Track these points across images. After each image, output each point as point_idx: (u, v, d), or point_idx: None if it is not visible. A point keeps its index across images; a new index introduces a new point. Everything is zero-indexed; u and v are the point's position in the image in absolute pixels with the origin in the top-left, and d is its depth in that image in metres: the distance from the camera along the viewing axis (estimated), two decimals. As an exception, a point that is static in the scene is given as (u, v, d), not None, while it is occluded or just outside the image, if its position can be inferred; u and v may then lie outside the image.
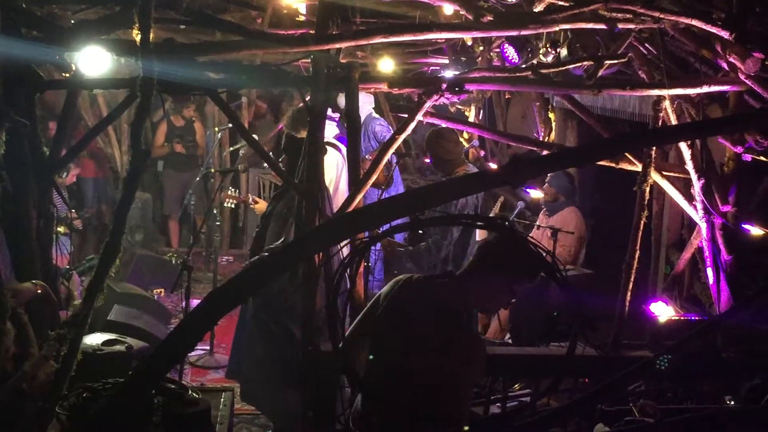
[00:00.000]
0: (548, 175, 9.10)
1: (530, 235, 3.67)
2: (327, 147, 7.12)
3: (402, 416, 3.95)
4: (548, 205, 8.97)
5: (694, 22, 5.70)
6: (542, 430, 3.31)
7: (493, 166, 10.66)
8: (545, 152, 6.91)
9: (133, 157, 4.06)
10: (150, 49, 4.16)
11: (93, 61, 5.12)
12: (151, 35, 4.25)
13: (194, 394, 4.24)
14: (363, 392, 4.11)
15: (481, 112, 11.55)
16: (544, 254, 3.47)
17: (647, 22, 6.00)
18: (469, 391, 4.22)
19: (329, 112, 6.64)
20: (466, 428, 3.89)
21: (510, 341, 7.87)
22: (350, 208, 5.78)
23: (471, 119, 11.59)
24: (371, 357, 4.20)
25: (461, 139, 10.91)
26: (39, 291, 4.66)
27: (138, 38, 4.21)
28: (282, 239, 6.46)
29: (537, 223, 9.00)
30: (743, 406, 4.71)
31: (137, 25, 4.16)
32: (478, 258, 4.39)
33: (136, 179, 4.07)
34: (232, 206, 10.13)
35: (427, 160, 7.83)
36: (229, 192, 9.29)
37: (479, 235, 8.25)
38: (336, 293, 3.79)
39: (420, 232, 7.35)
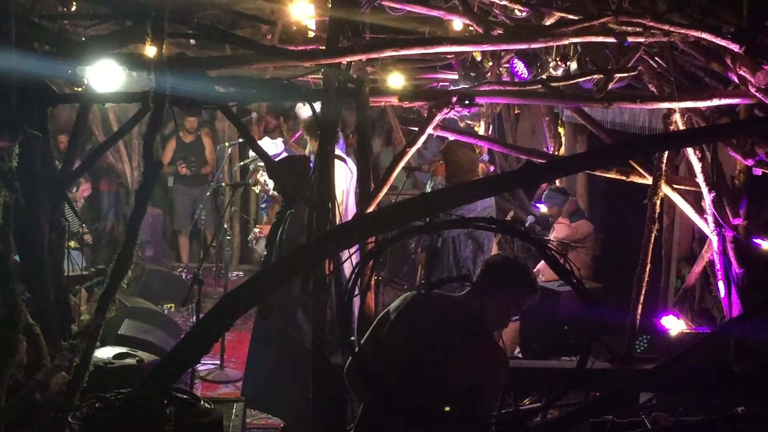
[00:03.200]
0: (543, 197, 9.18)
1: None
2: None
3: (417, 418, 3.97)
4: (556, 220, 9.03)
5: (704, 36, 5.70)
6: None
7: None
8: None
9: (145, 169, 4.08)
10: (163, 62, 4.19)
11: (105, 75, 5.16)
12: (164, 49, 4.28)
13: (206, 405, 4.24)
14: (375, 392, 4.12)
15: (491, 127, 11.55)
16: (561, 260, 3.46)
17: (657, 35, 6.00)
18: (482, 397, 4.23)
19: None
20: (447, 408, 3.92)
21: (520, 355, 7.86)
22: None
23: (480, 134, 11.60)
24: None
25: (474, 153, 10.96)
26: None
27: (151, 52, 4.24)
28: None
29: (554, 234, 9.05)
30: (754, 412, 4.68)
31: (150, 39, 4.19)
32: (482, 276, 4.44)
33: (148, 191, 4.08)
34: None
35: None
36: (256, 231, 9.38)
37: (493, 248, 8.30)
38: (351, 296, 3.80)
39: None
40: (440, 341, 4.19)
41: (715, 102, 6.10)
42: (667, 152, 6.37)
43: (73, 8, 7.45)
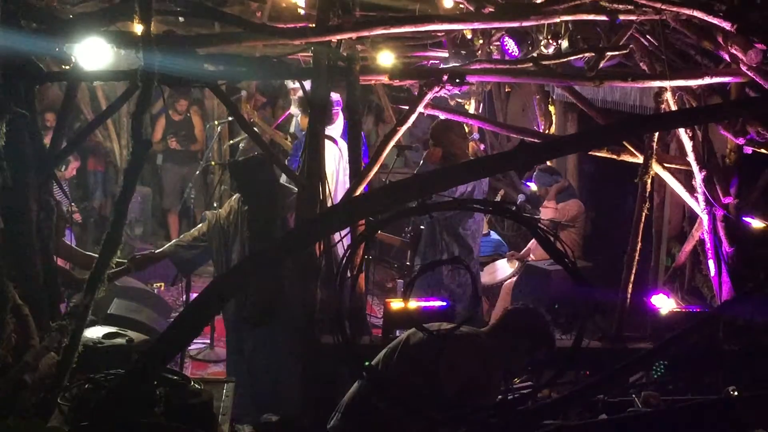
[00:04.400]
0: (533, 176, 9.14)
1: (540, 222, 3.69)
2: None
3: (408, 401, 4.01)
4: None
5: (696, 14, 5.68)
6: (543, 418, 3.31)
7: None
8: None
9: (134, 148, 4.04)
10: (151, 40, 4.14)
11: (93, 53, 5.11)
12: (152, 27, 4.23)
13: (196, 386, 4.22)
14: (370, 378, 4.16)
15: (481, 105, 11.51)
16: (552, 240, 3.47)
17: (648, 13, 5.98)
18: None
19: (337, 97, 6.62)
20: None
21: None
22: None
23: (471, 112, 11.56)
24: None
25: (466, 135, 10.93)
26: None
27: (139, 30, 4.20)
28: None
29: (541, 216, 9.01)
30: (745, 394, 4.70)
31: (138, 16, 4.14)
32: (501, 322, 4.54)
33: (137, 171, 4.05)
34: None
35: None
36: None
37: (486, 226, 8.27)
38: (343, 279, 3.80)
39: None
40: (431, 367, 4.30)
41: (707, 80, 6.09)
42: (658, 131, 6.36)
43: (61, -15, 7.38)
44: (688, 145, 6.43)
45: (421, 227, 7.61)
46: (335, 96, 8.13)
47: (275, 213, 6.49)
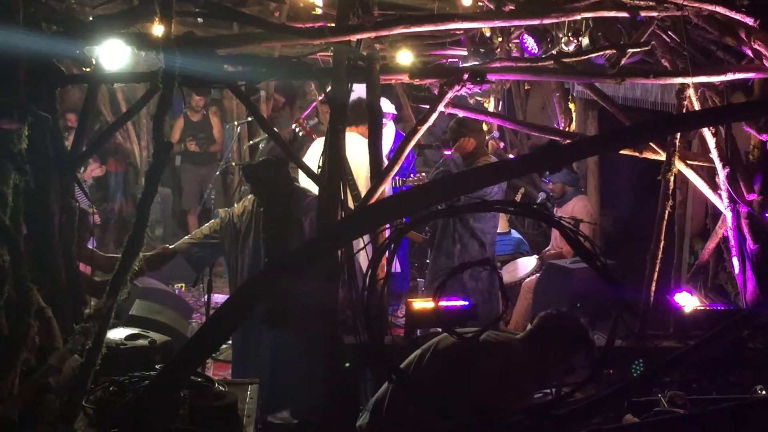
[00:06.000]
0: (547, 173, 9.09)
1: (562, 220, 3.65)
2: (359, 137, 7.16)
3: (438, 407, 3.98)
4: (557, 200, 8.91)
5: (718, 9, 5.64)
6: (583, 419, 3.28)
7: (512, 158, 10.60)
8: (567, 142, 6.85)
9: (155, 150, 4.04)
10: (171, 41, 4.14)
11: (113, 55, 5.11)
12: (172, 28, 4.23)
13: (221, 388, 4.21)
14: (401, 382, 4.13)
15: (501, 103, 11.49)
16: (583, 240, 3.44)
17: (670, 9, 5.94)
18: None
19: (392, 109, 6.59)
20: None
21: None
22: (372, 200, 5.76)
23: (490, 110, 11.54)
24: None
25: (483, 130, 10.88)
26: None
27: (159, 31, 4.19)
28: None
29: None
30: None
31: (158, 17, 4.14)
32: (536, 328, 4.50)
33: (158, 172, 4.04)
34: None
35: (447, 152, 7.76)
36: None
37: (501, 226, 8.24)
38: (373, 282, 3.78)
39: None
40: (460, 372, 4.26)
41: (729, 77, 6.05)
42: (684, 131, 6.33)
43: (80, -13, 7.40)
44: (711, 141, 6.38)
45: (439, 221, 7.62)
46: (387, 106, 8.15)
47: (289, 215, 6.48)
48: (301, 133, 10.42)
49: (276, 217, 6.47)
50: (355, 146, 7.22)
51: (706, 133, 6.43)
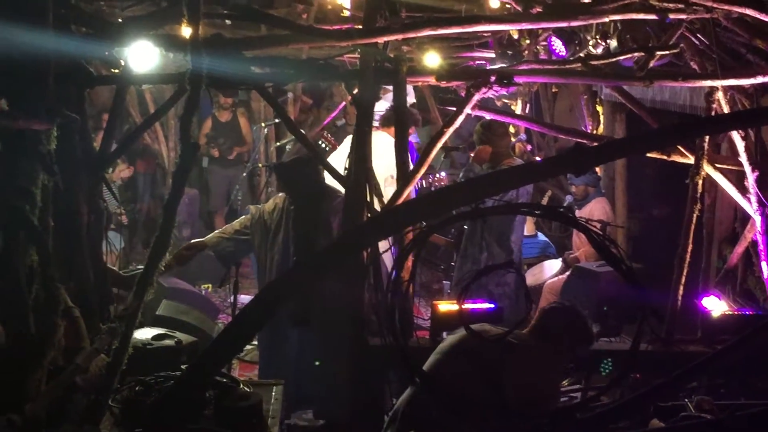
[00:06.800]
0: (568, 174, 9.03)
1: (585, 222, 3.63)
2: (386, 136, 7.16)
3: (465, 409, 3.98)
4: (580, 201, 8.86)
5: (748, 11, 5.59)
6: (608, 423, 3.26)
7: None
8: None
9: (182, 151, 4.07)
10: (199, 43, 4.16)
11: (141, 56, 5.15)
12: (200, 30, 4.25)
13: (246, 388, 4.23)
14: (426, 385, 4.13)
15: (528, 106, 11.45)
16: (608, 244, 3.43)
17: (699, 11, 5.89)
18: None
19: None
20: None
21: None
22: (399, 201, 5.76)
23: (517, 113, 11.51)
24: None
25: (509, 133, 10.85)
26: None
27: (187, 33, 4.21)
28: None
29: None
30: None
31: (186, 19, 4.16)
32: (539, 323, 4.51)
33: (185, 173, 4.07)
34: None
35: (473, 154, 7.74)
36: None
37: (528, 229, 8.21)
38: (397, 285, 3.78)
39: None
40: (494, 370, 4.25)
41: (759, 79, 5.99)
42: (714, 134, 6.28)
43: (109, -11, 7.46)
44: (740, 145, 6.33)
45: (464, 226, 7.59)
46: None
47: (319, 215, 6.50)
48: (325, 146, 10.50)
49: (306, 215, 6.49)
50: (382, 146, 7.23)
51: (735, 136, 6.38)
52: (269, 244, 6.72)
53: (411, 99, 10.01)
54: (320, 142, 10.50)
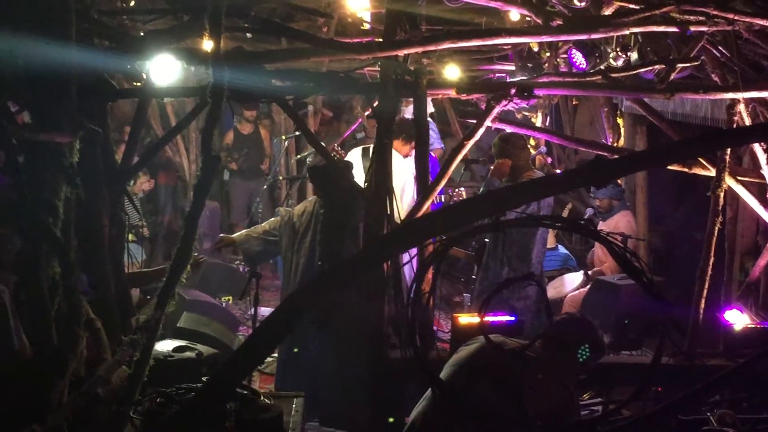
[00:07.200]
0: (591, 188, 9.00)
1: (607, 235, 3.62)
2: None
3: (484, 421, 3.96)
4: (604, 215, 8.81)
5: (769, 24, 5.58)
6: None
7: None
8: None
9: (203, 164, 4.08)
10: (220, 56, 4.18)
11: (163, 69, 5.19)
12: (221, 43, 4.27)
13: (266, 400, 4.24)
14: (444, 395, 4.12)
15: (548, 118, 11.44)
16: (630, 256, 3.41)
17: (720, 24, 5.88)
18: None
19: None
20: None
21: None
22: (419, 214, 5.76)
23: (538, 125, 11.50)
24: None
25: (528, 146, 10.84)
26: None
27: (208, 46, 4.24)
28: None
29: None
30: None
31: (208, 33, 4.19)
32: (551, 335, 4.50)
33: (207, 186, 4.09)
34: None
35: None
36: None
37: (549, 242, 8.18)
38: (418, 296, 3.77)
39: None
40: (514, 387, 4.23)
41: (781, 92, 5.97)
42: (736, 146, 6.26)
43: (132, 3, 7.51)
44: (762, 157, 6.31)
45: (485, 239, 7.57)
46: None
47: (350, 220, 6.52)
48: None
49: (336, 220, 6.52)
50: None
51: (757, 148, 6.35)
52: (296, 247, 6.77)
53: (430, 110, 10.02)
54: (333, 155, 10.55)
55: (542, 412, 4.22)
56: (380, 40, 5.98)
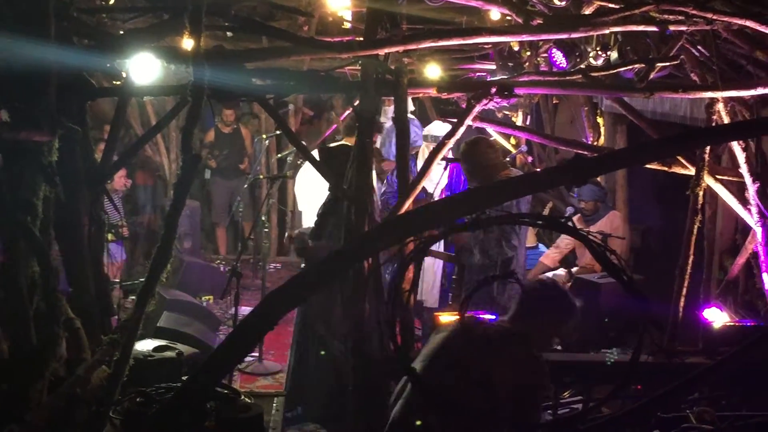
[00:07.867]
0: (575, 191, 9.03)
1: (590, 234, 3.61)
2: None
3: (462, 415, 3.95)
4: (590, 217, 8.81)
5: (748, 23, 5.60)
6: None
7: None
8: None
9: (183, 163, 4.07)
10: (201, 55, 4.17)
11: (143, 68, 5.16)
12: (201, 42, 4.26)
13: (246, 399, 4.23)
14: (422, 391, 4.09)
15: (529, 117, 11.46)
16: (609, 254, 3.42)
17: (699, 23, 5.90)
18: (525, 404, 4.22)
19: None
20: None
21: (560, 347, 7.78)
22: (400, 212, 5.76)
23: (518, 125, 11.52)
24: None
25: (508, 145, 10.87)
26: None
27: (189, 45, 4.23)
28: None
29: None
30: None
31: (188, 31, 4.18)
32: (520, 306, 4.43)
33: (187, 185, 4.07)
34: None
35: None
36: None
37: (529, 240, 8.20)
38: (398, 294, 3.77)
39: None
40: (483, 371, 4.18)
41: (759, 91, 6.00)
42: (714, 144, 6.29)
43: (111, 2, 7.48)
44: (741, 156, 6.34)
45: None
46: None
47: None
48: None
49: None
50: None
51: (736, 147, 6.38)
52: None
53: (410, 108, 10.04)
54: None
55: (515, 386, 4.16)
56: (361, 39, 5.97)
